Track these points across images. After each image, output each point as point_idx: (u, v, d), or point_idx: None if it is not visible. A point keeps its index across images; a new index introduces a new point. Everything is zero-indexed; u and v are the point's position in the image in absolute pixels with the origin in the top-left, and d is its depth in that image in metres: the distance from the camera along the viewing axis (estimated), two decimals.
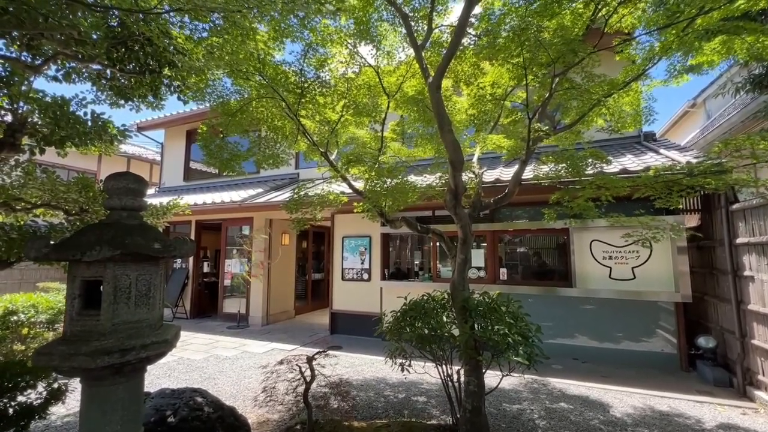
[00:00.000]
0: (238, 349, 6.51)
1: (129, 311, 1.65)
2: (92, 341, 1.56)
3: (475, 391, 2.75)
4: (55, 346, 1.56)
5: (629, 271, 5.54)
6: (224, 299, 9.35)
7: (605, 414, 3.87)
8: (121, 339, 1.60)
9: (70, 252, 1.55)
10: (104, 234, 1.63)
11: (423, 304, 3.05)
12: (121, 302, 1.63)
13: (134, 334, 1.65)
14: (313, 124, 3.86)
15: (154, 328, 1.75)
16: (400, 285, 7.07)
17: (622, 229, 5.54)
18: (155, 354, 1.69)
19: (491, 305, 2.81)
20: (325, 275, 11.50)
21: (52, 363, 1.52)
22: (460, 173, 2.67)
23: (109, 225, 1.70)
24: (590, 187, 3.17)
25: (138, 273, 1.69)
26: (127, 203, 1.77)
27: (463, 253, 2.89)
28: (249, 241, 8.85)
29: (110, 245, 1.57)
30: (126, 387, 1.66)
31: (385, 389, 4.54)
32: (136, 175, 1.83)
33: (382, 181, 3.15)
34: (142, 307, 1.70)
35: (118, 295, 1.62)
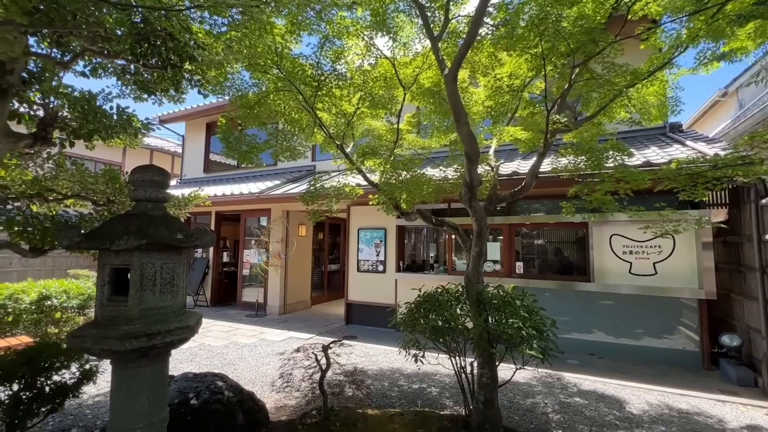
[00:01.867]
0: (257, 336, 6.70)
1: (154, 298, 1.74)
2: (121, 326, 1.65)
3: (488, 383, 2.76)
4: (87, 329, 1.66)
5: (651, 266, 5.40)
6: (243, 288, 9.59)
7: (621, 410, 3.83)
8: (148, 324, 1.68)
9: (100, 241, 1.64)
10: (131, 224, 1.71)
11: (437, 296, 3.07)
12: (147, 289, 1.71)
13: (159, 320, 1.73)
14: (329, 116, 3.88)
15: (177, 314, 1.83)
16: (415, 277, 7.10)
17: (644, 223, 5.41)
18: (179, 339, 1.77)
19: (505, 298, 2.81)
20: (341, 267, 11.65)
21: (85, 345, 1.62)
22: (475, 166, 2.65)
23: (135, 216, 1.78)
24: (609, 180, 3.10)
25: (162, 262, 1.77)
26: (152, 195, 1.85)
27: (478, 246, 2.89)
28: (267, 232, 9.03)
29: (136, 235, 1.65)
30: (152, 369, 1.76)
31: (400, 379, 4.61)
32: (159, 168, 1.91)
33: (397, 173, 3.15)
34: (166, 294, 1.78)
35: (144, 282, 1.71)
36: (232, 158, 3.90)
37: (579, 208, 3.67)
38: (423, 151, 4.10)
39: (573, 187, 3.49)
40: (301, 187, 8.04)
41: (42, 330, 5.34)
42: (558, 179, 4.08)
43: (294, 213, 9.28)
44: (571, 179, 3.91)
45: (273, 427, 2.82)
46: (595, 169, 3.25)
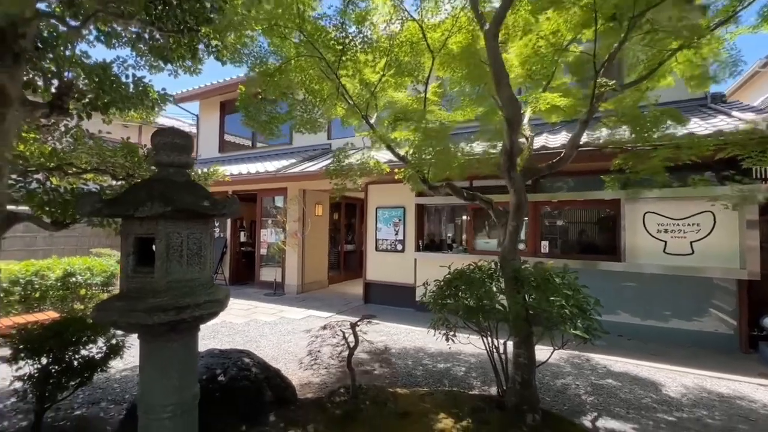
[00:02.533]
0: (276, 315, 6.71)
1: (181, 270, 1.62)
2: (148, 298, 1.54)
3: (525, 363, 2.63)
4: (113, 302, 1.56)
5: (687, 245, 5.12)
6: (261, 268, 9.63)
7: (657, 393, 3.67)
8: (176, 297, 1.57)
9: (123, 207, 1.52)
10: (154, 190, 1.58)
11: (469, 273, 2.91)
12: (174, 260, 1.60)
13: (188, 293, 1.62)
14: (352, 85, 3.67)
15: (206, 287, 1.72)
16: (435, 256, 6.96)
17: (681, 200, 5.11)
18: (208, 313, 1.66)
19: (545, 276, 2.63)
20: (357, 246, 11.59)
21: (111, 318, 1.52)
22: (516, 132, 2.44)
23: (158, 181, 1.65)
24: (666, 147, 2.84)
25: (189, 231, 1.65)
26: (175, 159, 1.71)
27: (515, 220, 2.70)
28: (284, 212, 8.97)
29: (161, 201, 1.52)
30: (181, 344, 1.66)
31: (424, 358, 4.53)
32: (181, 131, 1.76)
33: (428, 142, 2.95)
34: (194, 266, 1.67)
35: (171, 252, 1.59)
36: (253, 128, 3.70)
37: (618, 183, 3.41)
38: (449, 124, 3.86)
39: (617, 159, 3.23)
40: (318, 165, 7.89)
41: (68, 306, 5.42)
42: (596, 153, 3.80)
43: (310, 192, 9.17)
44: (610, 153, 3.65)
45: (301, 404, 2.76)
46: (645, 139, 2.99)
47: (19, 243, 9.12)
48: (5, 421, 2.93)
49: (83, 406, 3.23)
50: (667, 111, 3.24)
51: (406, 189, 7.33)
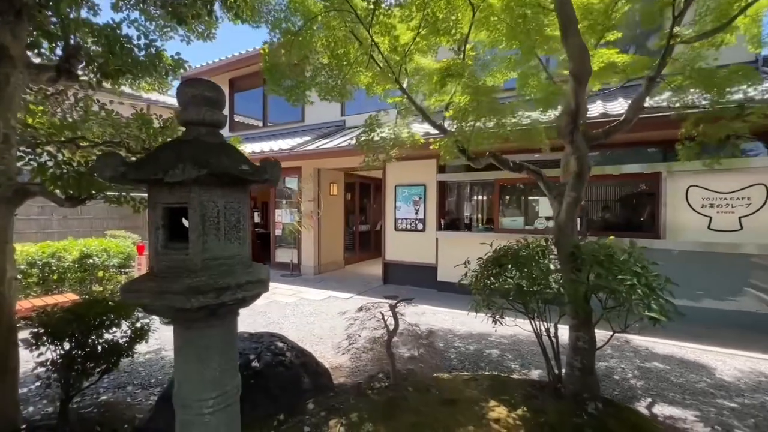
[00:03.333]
0: (296, 296, 6.57)
1: (219, 245, 1.39)
2: (183, 278, 1.31)
3: (585, 348, 2.40)
4: (143, 282, 1.33)
5: (735, 221, 4.78)
6: (276, 249, 9.50)
7: (711, 377, 3.44)
8: (214, 277, 1.34)
9: (151, 170, 1.27)
10: (183, 151, 1.33)
11: (518, 251, 2.65)
12: (210, 234, 1.36)
13: (227, 272, 1.39)
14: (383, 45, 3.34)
15: (246, 265, 1.49)
16: (458, 236, 6.71)
17: (730, 172, 4.73)
18: (251, 296, 1.44)
19: (608, 251, 2.36)
20: (371, 226, 11.38)
21: (142, 301, 1.30)
22: (584, 89, 2.12)
23: (187, 142, 1.39)
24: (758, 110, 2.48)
25: (226, 200, 1.41)
26: (206, 116, 1.45)
27: (575, 190, 2.41)
28: (298, 191, 8.74)
29: (194, 163, 1.27)
30: (221, 330, 1.44)
31: (454, 341, 4.34)
32: (211, 82, 1.49)
33: (478, 100, 2.62)
34: (233, 241, 1.43)
35: (207, 225, 1.35)
36: (277, 94, 3.40)
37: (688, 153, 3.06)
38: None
39: (687, 123, 2.89)
40: (334, 142, 7.60)
41: (87, 288, 5.32)
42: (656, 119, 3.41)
43: (325, 171, 8.90)
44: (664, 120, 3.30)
45: (339, 391, 2.58)
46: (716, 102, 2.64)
47: (34, 225, 9.07)
48: (30, 407, 2.82)
49: (109, 390, 3.11)
50: (740, 69, 2.86)
51: (426, 165, 7.04)
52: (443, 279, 6.80)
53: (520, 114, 3.22)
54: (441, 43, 3.33)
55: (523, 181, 6.20)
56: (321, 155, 7.39)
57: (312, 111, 9.71)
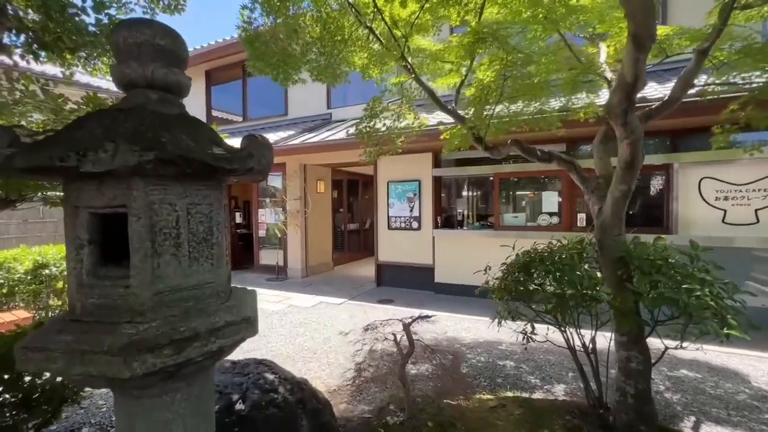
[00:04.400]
0: (283, 302, 6.05)
1: (180, 270, 0.92)
2: (120, 326, 0.84)
3: (639, 370, 2.02)
4: (52, 335, 0.84)
5: (752, 213, 4.54)
6: (260, 251, 8.91)
7: (748, 386, 3.15)
8: (173, 321, 0.88)
9: (56, 153, 0.78)
10: (117, 124, 0.85)
11: (554, 254, 2.25)
12: (166, 253, 0.89)
13: (193, 311, 0.92)
14: (386, 12, 2.87)
15: (222, 297, 1.03)
16: (456, 234, 6.32)
17: (745, 162, 4.50)
18: (231, 344, 0.97)
19: (664, 254, 1.99)
20: (361, 225, 10.91)
21: (51, 367, 0.81)
22: (645, 57, 1.72)
23: (125, 112, 0.90)
24: None
25: (189, 201, 0.93)
26: (158, 75, 0.96)
27: (625, 182, 2.02)
28: (283, 189, 8.18)
29: (133, 142, 0.79)
30: (187, 394, 0.97)
31: (462, 351, 3.94)
32: (164, 26, 1.00)
33: (518, 70, 2.17)
34: (201, 261, 0.96)
35: (159, 240, 0.88)
36: (261, 72, 2.87)
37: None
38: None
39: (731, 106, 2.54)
40: (320, 136, 7.09)
41: (43, 302, 4.67)
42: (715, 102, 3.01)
43: (311, 167, 8.37)
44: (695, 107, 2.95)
45: (345, 431, 2.13)
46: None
47: None
48: None
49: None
50: None
51: (421, 160, 6.61)
52: (441, 280, 6.41)
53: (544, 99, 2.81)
54: (450, 15, 2.88)
55: (525, 175, 5.86)
56: (308, 150, 6.87)
57: (296, 104, 9.16)
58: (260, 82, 10.26)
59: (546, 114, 2.73)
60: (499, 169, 5.87)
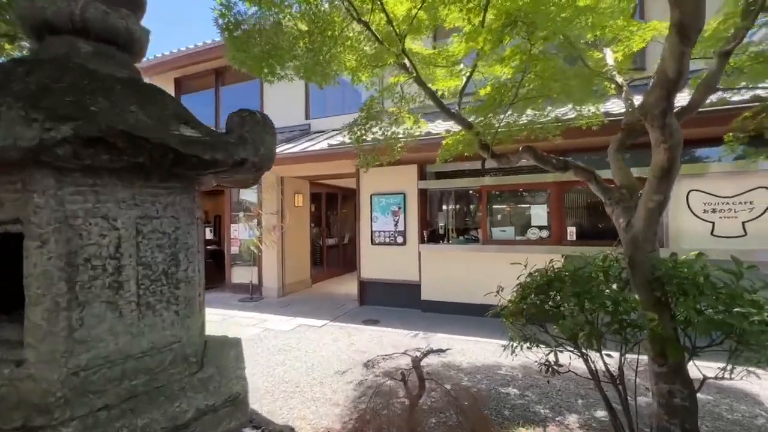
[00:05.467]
0: (259, 326, 5.54)
1: (122, 325, 0.55)
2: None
3: (685, 406, 1.77)
4: None
5: (739, 226, 4.54)
6: (232, 268, 8.31)
7: (762, 407, 2.99)
8: (105, 420, 0.50)
9: None
10: (12, 81, 0.49)
11: (582, 273, 1.99)
12: (95, 300, 0.52)
13: (144, 393, 0.56)
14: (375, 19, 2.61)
15: (193, 362, 0.66)
16: (443, 249, 6.06)
17: (734, 175, 4.53)
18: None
19: (705, 273, 1.77)
20: (340, 240, 10.51)
21: None
22: (691, 48, 1.53)
23: (31, 65, 0.54)
24: None
25: (140, 212, 0.57)
26: (92, 15, 0.61)
27: (660, 191, 1.81)
28: (258, 203, 7.70)
29: (32, 106, 0.43)
30: None
31: (460, 377, 3.61)
32: None
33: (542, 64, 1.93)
34: (159, 309, 0.60)
35: (83, 278, 0.51)
36: (241, 66, 2.50)
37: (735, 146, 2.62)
38: None
39: (745, 115, 2.43)
40: (299, 147, 6.73)
41: None
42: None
43: (289, 180, 7.96)
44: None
45: None
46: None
47: None
48: None
49: None
50: None
51: (406, 172, 6.37)
52: (428, 298, 6.10)
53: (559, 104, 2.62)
54: (451, 13, 2.65)
55: (513, 187, 5.72)
56: (286, 161, 6.48)
57: (272, 114, 8.60)
58: (235, 91, 9.83)
59: (558, 121, 2.53)
60: (486, 182, 5.71)
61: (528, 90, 2.18)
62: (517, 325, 2.28)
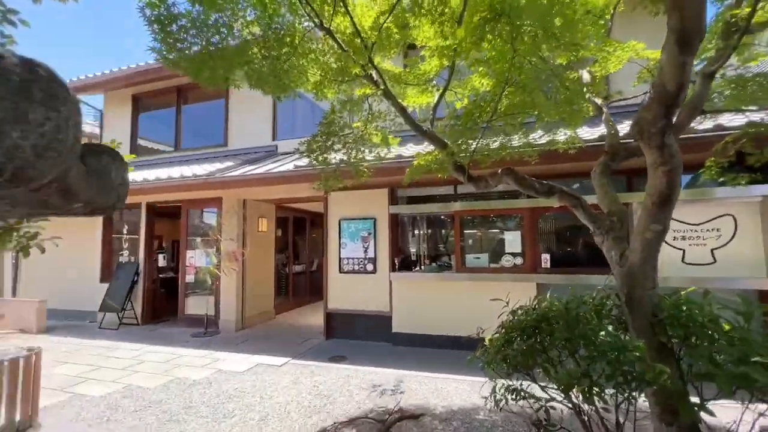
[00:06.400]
0: (210, 367, 4.92)
1: None
2: None
3: None
4: None
5: (708, 253, 4.54)
6: (186, 299, 7.60)
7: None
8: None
9: None
10: None
11: (572, 310, 1.73)
12: None
13: None
14: (340, 27, 2.38)
15: None
16: (416, 277, 5.75)
17: (702, 203, 4.57)
18: None
19: (709, 312, 1.55)
20: (308, 266, 9.98)
21: None
22: (692, 57, 1.35)
23: None
24: None
25: None
26: None
27: (659, 220, 1.60)
28: (218, 227, 7.15)
29: None
30: None
31: (435, 427, 3.22)
32: None
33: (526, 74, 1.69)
34: None
35: None
36: (177, 68, 2.14)
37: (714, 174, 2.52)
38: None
39: (727, 139, 2.34)
40: (263, 168, 6.34)
41: None
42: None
43: (252, 203, 7.49)
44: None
45: None
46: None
47: None
48: None
49: None
50: None
51: (377, 196, 6.10)
52: (400, 330, 5.71)
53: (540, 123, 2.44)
54: (423, 26, 2.45)
55: (487, 213, 5.57)
56: (249, 183, 6.05)
57: (237, 134, 8.38)
58: (198, 110, 9.39)
59: (531, 146, 2.34)
60: (459, 207, 5.53)
61: (509, 104, 1.98)
62: (499, 372, 1.97)
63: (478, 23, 1.74)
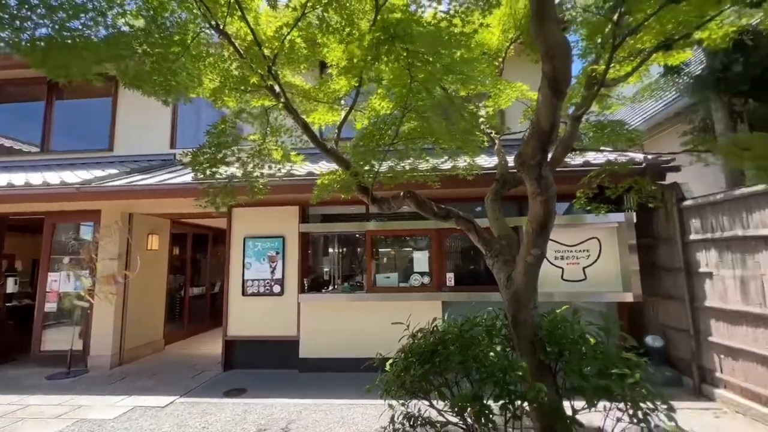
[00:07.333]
0: (69, 416, 4.02)
1: None
2: None
3: None
4: None
5: (580, 271, 5.24)
6: (44, 331, 6.23)
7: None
8: None
9: None
10: None
11: (467, 335, 1.77)
12: None
13: None
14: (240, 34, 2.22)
15: None
16: (326, 299, 5.57)
17: (575, 227, 5.28)
18: None
19: (579, 330, 1.72)
20: (208, 289, 9.04)
21: None
22: (562, 101, 1.51)
23: None
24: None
25: None
26: None
27: (538, 245, 1.74)
28: (93, 245, 6.06)
29: None
30: None
31: None
32: None
33: (426, 98, 1.69)
34: None
35: None
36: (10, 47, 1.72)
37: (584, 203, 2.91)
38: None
39: (591, 174, 2.71)
40: (157, 178, 5.62)
41: None
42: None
43: (141, 217, 6.57)
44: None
45: None
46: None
47: None
48: None
49: None
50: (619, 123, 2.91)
51: (286, 213, 5.81)
52: (307, 355, 5.43)
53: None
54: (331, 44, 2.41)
55: (397, 233, 5.69)
56: (134, 195, 5.30)
57: (126, 139, 7.37)
58: (76, 107, 8.07)
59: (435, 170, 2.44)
60: (371, 227, 5.55)
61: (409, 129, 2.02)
62: (398, 398, 1.92)
63: (371, 42, 1.76)
